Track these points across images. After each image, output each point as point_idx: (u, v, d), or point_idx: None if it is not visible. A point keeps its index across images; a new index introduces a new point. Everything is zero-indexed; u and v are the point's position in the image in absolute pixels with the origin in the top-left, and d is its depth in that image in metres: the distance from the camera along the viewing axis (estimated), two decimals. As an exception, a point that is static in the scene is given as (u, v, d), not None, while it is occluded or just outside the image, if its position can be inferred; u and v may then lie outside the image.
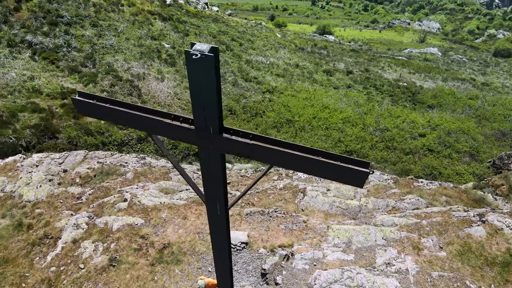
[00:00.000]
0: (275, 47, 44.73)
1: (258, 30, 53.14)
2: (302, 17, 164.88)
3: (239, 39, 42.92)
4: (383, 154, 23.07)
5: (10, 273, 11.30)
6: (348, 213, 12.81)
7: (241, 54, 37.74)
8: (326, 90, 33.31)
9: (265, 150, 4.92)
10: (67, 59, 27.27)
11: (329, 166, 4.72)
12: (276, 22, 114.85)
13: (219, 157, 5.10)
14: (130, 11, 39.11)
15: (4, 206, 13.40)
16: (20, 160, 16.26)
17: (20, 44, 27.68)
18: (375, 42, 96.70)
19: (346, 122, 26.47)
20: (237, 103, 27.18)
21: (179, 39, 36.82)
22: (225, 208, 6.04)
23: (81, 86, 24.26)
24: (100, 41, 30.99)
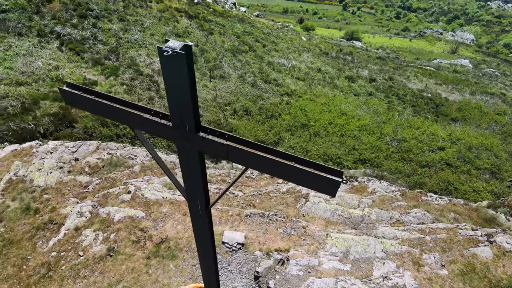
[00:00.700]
0: (298, 50, 44.51)
1: (284, 33, 53.02)
2: (332, 21, 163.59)
3: (263, 40, 42.96)
4: (397, 165, 22.55)
5: (13, 254, 11.69)
6: (349, 222, 12.57)
7: (264, 56, 37.75)
8: (346, 96, 32.87)
9: (241, 152, 4.87)
10: (92, 51, 28.01)
11: (302, 172, 4.63)
12: (305, 26, 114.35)
13: (196, 155, 5.09)
14: (157, 7, 39.82)
15: (15, 190, 13.88)
16: (36, 146, 16.81)
17: (49, 35, 28.64)
18: (404, 50, 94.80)
19: (362, 130, 26.03)
20: (254, 104, 27.19)
21: (203, 37, 37.19)
22: (206, 207, 6.04)
23: (103, 78, 24.87)
24: (126, 36, 31.69)
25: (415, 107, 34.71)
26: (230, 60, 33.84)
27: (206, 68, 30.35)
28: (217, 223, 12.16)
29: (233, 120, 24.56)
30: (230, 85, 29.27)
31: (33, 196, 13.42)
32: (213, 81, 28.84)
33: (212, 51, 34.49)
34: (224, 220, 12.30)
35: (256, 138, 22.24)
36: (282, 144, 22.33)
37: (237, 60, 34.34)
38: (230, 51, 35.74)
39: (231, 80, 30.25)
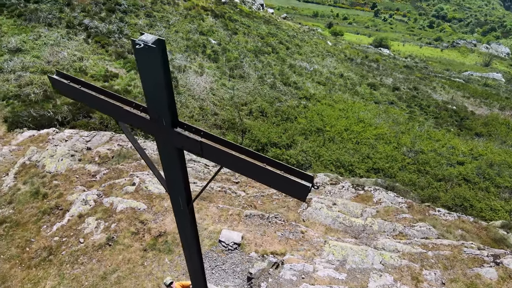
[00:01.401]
0: (322, 54, 44.14)
1: (309, 36, 52.70)
2: (362, 27, 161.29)
3: (287, 42, 42.85)
4: (412, 177, 21.98)
5: (18, 236, 12.09)
6: (350, 231, 12.34)
7: (286, 58, 37.65)
8: (366, 103, 32.33)
9: (214, 150, 4.86)
10: (117, 44, 28.69)
11: (273, 175, 4.60)
12: (333, 30, 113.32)
13: (174, 151, 5.10)
14: (184, 5, 40.39)
15: (28, 174, 14.37)
16: (52, 133, 17.36)
17: (78, 27, 29.54)
18: (434, 60, 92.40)
19: (379, 139, 25.53)
20: (271, 105, 27.14)
21: (226, 36, 37.45)
22: (187, 203, 6.06)
23: (124, 72, 25.42)
24: (151, 31, 32.26)
25: (437, 119, 33.77)
26: (251, 60, 33.92)
27: (227, 67, 30.54)
28: (216, 221, 12.19)
29: (248, 120, 24.59)
30: (248, 86, 29.34)
31: (43, 181, 13.85)
32: (232, 81, 28.98)
33: (234, 50, 34.67)
34: (223, 219, 12.32)
35: (269, 140, 22.18)
36: (294, 147, 22.18)
37: (258, 61, 34.38)
38: (252, 52, 35.83)
39: (251, 80, 30.30)
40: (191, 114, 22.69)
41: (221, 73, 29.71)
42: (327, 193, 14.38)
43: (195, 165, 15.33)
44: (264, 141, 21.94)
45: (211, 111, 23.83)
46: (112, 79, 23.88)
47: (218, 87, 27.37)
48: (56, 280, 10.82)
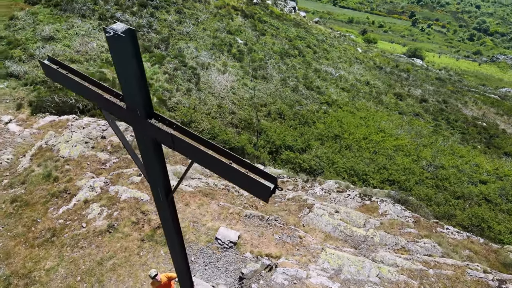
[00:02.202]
0: (350, 61, 43.47)
1: (339, 42, 52.05)
2: (397, 36, 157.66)
3: (315, 47, 42.49)
4: (428, 192, 21.28)
5: (27, 215, 12.57)
6: (350, 240, 12.07)
7: (312, 62, 37.34)
8: (389, 113, 31.57)
9: (184, 144, 4.87)
10: (145, 38, 29.35)
11: (237, 172, 4.58)
12: (367, 37, 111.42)
13: (150, 142, 5.16)
14: (215, 3, 40.83)
15: (43, 157, 14.92)
16: (72, 119, 17.94)
17: (109, 19, 30.42)
18: (470, 74, 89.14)
19: (398, 150, 24.87)
20: (290, 108, 26.99)
21: (254, 37, 37.55)
22: (166, 195, 6.11)
23: (148, 65, 25.96)
24: (179, 28, 32.83)
25: (464, 134, 32.52)
26: (276, 62, 33.86)
27: (250, 67, 30.62)
28: (215, 219, 12.23)
29: (265, 122, 24.54)
30: (270, 87, 29.29)
31: (56, 165, 14.34)
32: (254, 81, 29.02)
33: (260, 51, 34.72)
34: (223, 217, 12.34)
35: (284, 143, 22.06)
36: (309, 152, 21.95)
37: (283, 63, 34.28)
38: (278, 54, 35.76)
39: (273, 82, 30.25)
40: (209, 111, 22.89)
41: (244, 72, 29.81)
42: (332, 200, 14.13)
43: (202, 161, 15.43)
44: (279, 143, 21.84)
45: (229, 110, 23.96)
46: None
47: (239, 86, 27.48)
48: (55, 261, 11.17)
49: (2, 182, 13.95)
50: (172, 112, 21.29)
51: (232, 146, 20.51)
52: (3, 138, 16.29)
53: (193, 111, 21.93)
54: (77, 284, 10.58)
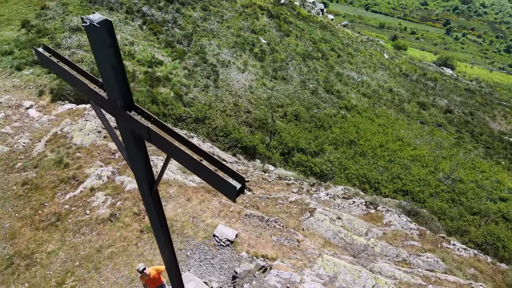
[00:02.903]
0: (375, 66, 42.69)
1: (366, 46, 51.20)
2: (429, 44, 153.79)
3: (339, 50, 41.97)
4: (442, 205, 20.62)
5: (35, 198, 12.97)
6: (350, 248, 11.83)
7: (335, 66, 36.89)
8: (410, 122, 30.80)
9: (160, 137, 4.89)
10: (168, 34, 29.77)
11: (206, 170, 4.56)
12: (396, 44, 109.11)
13: (130, 133, 5.19)
14: (241, 2, 40.95)
15: (57, 143, 15.36)
16: (89, 109, 18.40)
17: (136, 13, 31.04)
18: (503, 87, 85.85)
19: (415, 160, 24.22)
20: (307, 111, 26.75)
21: (278, 37, 37.45)
22: (150, 188, 6.15)
23: (169, 60, 26.32)
24: (203, 24, 33.13)
25: (489, 149, 31.34)
26: (298, 64, 33.65)
27: (271, 67, 30.54)
28: (215, 215, 12.25)
29: (281, 123, 24.42)
30: (289, 88, 29.13)
31: (68, 152, 14.74)
32: (274, 81, 28.94)
33: (282, 52, 34.59)
34: (223, 214, 12.35)
35: (297, 145, 21.88)
36: (321, 156, 21.69)
37: (305, 65, 34.02)
38: (301, 55, 35.53)
39: (292, 83, 30.08)
40: (224, 109, 22.98)
41: (264, 72, 29.77)
42: (336, 206, 13.89)
43: (209, 158, 15.49)
44: (291, 145, 21.68)
45: (244, 108, 23.98)
46: (156, 66, 24.82)
47: (258, 86, 27.46)
48: (57, 245, 11.48)
49: (16, 165, 14.46)
50: (188, 108, 21.50)
51: (244, 145, 20.51)
52: (22, 123, 16.88)
53: (208, 107, 22.07)
54: (75, 269, 10.84)
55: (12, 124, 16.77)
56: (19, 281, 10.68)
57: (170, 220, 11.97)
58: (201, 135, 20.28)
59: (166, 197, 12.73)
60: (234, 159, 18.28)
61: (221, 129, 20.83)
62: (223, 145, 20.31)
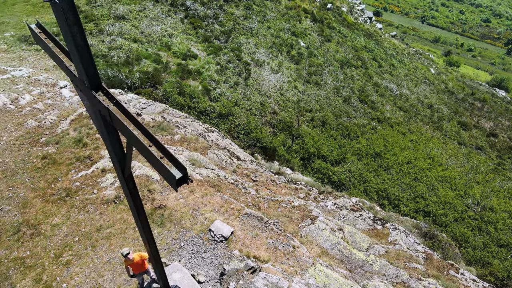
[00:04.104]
0: (417, 80, 40.98)
1: (412, 59, 49.28)
2: (486, 63, 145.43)
3: (381, 60, 40.69)
4: (466, 233, 19.40)
5: (51, 172, 13.61)
6: (347, 262, 11.39)
7: (373, 75, 35.81)
8: (446, 141, 29.26)
9: (118, 120, 4.93)
10: (207, 29, 30.24)
11: (153, 156, 4.59)
12: (449, 59, 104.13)
13: (98, 114, 5.28)
14: (286, 4, 40.81)
15: (80, 123, 16.04)
16: (117, 94, 19.05)
17: (179, 6, 31.83)
18: (562, 116, 79.35)
19: (443, 182, 22.97)
20: (336, 118, 26.15)
21: (318, 42, 36.95)
22: (122, 171, 6.24)
23: (204, 54, 26.72)
24: (244, 23, 33.34)
25: (531, 179, 29.09)
26: (334, 70, 33.01)
27: (306, 71, 30.17)
28: (215, 210, 12.25)
29: (306, 127, 24.06)
30: (321, 94, 28.64)
31: (88, 133, 15.34)
32: (306, 85, 28.57)
33: (320, 57, 34.08)
34: (223, 210, 12.32)
35: (318, 151, 21.45)
36: (342, 165, 21.11)
37: (342, 72, 33.30)
38: (339, 62, 34.82)
39: (325, 89, 29.54)
40: (250, 107, 22.98)
41: (298, 75, 29.46)
42: (341, 217, 13.42)
43: (220, 153, 15.53)
44: (313, 151, 21.28)
45: (271, 109, 23.85)
46: (190, 59, 25.28)
47: (289, 88, 27.22)
48: (62, 219, 11.97)
49: (40, 139, 15.26)
50: (213, 102, 21.71)
51: (264, 145, 20.41)
52: (54, 101, 17.80)
53: (234, 104, 22.16)
54: (74, 244, 11.24)
55: (44, 101, 17.73)
56: (22, 248, 11.24)
57: (170, 209, 12.12)
58: (222, 130, 20.40)
59: (170, 186, 12.88)
60: (250, 158, 18.22)
61: (243, 127, 20.84)
62: (243, 143, 20.31)
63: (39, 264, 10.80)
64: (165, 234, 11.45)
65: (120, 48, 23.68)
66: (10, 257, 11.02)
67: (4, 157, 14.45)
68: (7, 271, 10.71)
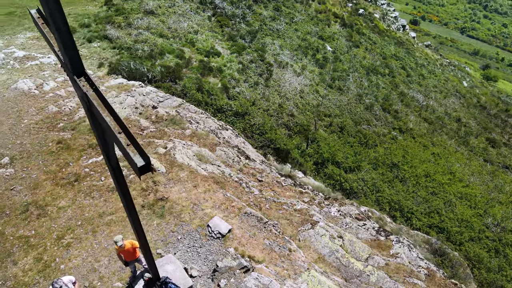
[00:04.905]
0: (447, 92, 39.63)
1: (444, 71, 47.73)
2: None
3: (410, 69, 39.63)
4: (481, 253, 18.57)
5: (63, 157, 14.06)
6: (344, 271, 11.13)
7: (400, 85, 34.93)
8: (471, 157, 28.13)
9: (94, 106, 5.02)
10: (234, 28, 30.44)
11: (120, 143, 4.66)
12: (486, 73, 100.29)
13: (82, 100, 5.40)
14: (316, 7, 40.48)
15: (97, 111, 16.48)
16: (137, 86, 19.48)
17: (208, 4, 32.20)
18: None
19: (463, 198, 22.09)
20: (355, 125, 25.68)
21: (345, 47, 36.43)
22: (108, 160, 6.38)
23: (227, 53, 26.89)
24: (271, 24, 33.34)
25: (561, 204, 27.49)
26: (359, 76, 32.44)
27: (330, 76, 29.81)
28: (215, 207, 12.28)
29: (323, 132, 23.75)
30: (342, 99, 28.21)
31: (103, 121, 15.73)
32: (328, 90, 28.22)
33: (346, 62, 33.58)
34: (223, 207, 12.33)
35: (332, 157, 21.12)
36: (356, 173, 20.69)
37: (367, 79, 32.68)
38: (365, 68, 34.19)
39: (347, 95, 29.07)
40: (267, 108, 22.93)
41: (321, 80, 29.15)
42: (343, 224, 13.13)
43: (229, 151, 15.56)
44: (327, 156, 20.97)
45: (289, 111, 23.71)
46: (213, 56, 25.51)
47: (310, 91, 26.97)
48: (67, 203, 12.34)
49: (58, 124, 15.80)
50: (231, 100, 21.81)
51: (277, 147, 20.30)
52: (76, 88, 18.37)
53: (251, 104, 22.18)
54: (76, 227, 11.56)
55: (67, 88, 18.36)
56: (28, 227, 11.66)
57: (172, 202, 12.25)
58: (237, 129, 20.46)
59: (175, 179, 13.04)
60: (261, 158, 18.18)
61: (258, 127, 20.81)
62: (257, 143, 20.29)
63: (41, 244, 11.18)
64: (164, 226, 11.59)
65: (145, 42, 24.20)
66: (16, 235, 11.46)
67: (23, 139, 15.07)
68: (12, 247, 11.14)
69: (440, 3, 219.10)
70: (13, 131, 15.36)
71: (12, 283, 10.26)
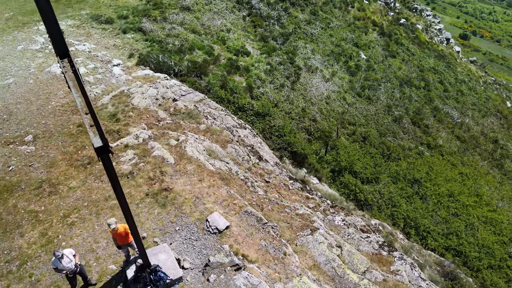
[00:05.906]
0: (487, 111, 37.68)
1: (486, 89, 45.42)
2: None
3: (449, 84, 38.03)
4: (499, 282, 17.53)
5: (81, 140, 14.62)
6: (338, 281, 10.84)
7: (435, 99, 33.60)
8: (503, 181, 26.59)
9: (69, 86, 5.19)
10: (267, 29, 30.49)
11: (85, 123, 4.79)
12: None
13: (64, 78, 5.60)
14: (355, 14, 39.77)
15: (119, 99, 17.05)
16: (162, 78, 19.96)
17: (244, 4, 32.46)
18: None
19: (487, 223, 20.93)
20: (380, 136, 24.97)
21: (381, 56, 35.53)
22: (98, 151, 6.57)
23: (257, 53, 26.98)
24: (305, 27, 33.12)
25: None
26: (392, 87, 31.53)
27: (360, 84, 29.18)
28: (217, 203, 12.34)
29: (345, 140, 23.29)
30: (370, 109, 27.53)
31: (124, 109, 16.26)
32: (356, 98, 27.64)
33: (379, 72, 32.75)
34: (225, 204, 12.37)
35: (350, 166, 20.64)
36: (373, 185, 20.11)
37: (399, 90, 31.71)
38: (399, 80, 33.19)
39: (376, 105, 28.34)
40: (290, 111, 22.78)
41: (350, 87, 28.60)
42: (345, 234, 12.76)
43: (240, 149, 15.57)
44: (344, 165, 20.53)
45: (311, 116, 23.44)
46: (242, 55, 25.68)
47: (336, 98, 26.54)
48: (78, 184, 12.83)
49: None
50: (253, 100, 21.86)
51: (294, 150, 20.12)
52: (103, 76, 19.10)
53: (274, 105, 22.12)
54: (82, 208, 12.00)
55: (95, 75, 19.10)
56: (39, 203, 12.23)
57: (175, 193, 12.44)
58: (255, 129, 20.47)
59: (181, 172, 13.23)
60: (275, 160, 18.08)
61: (277, 128, 20.72)
62: (274, 144, 20.21)
63: (48, 220, 11.69)
64: (164, 215, 11.78)
65: (177, 36, 24.75)
66: (27, 209, 12.05)
67: (48, 119, 15.83)
68: (21, 220, 11.73)
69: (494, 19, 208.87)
70: (40, 111, 16.17)
71: (16, 253, 10.80)
